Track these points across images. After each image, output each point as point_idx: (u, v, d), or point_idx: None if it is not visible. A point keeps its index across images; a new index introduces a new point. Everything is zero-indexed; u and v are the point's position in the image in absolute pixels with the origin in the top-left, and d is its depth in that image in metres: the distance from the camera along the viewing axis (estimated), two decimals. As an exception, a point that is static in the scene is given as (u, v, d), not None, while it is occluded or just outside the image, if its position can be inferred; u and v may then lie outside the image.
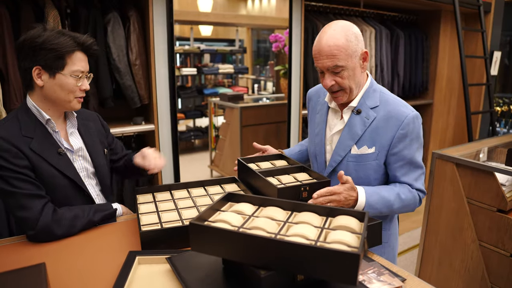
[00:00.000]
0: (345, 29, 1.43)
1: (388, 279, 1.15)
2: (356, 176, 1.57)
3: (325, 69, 1.46)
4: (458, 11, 3.59)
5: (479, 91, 4.86)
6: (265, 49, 7.28)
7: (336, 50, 1.41)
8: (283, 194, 1.42)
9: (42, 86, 1.43)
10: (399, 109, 1.50)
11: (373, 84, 1.58)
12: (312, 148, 1.73)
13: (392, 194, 1.50)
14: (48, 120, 1.48)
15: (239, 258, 0.98)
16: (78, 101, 1.52)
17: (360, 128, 1.54)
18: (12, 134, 1.40)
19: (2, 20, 2.30)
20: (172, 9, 2.75)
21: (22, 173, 1.38)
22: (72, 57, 1.43)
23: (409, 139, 1.49)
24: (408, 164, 1.53)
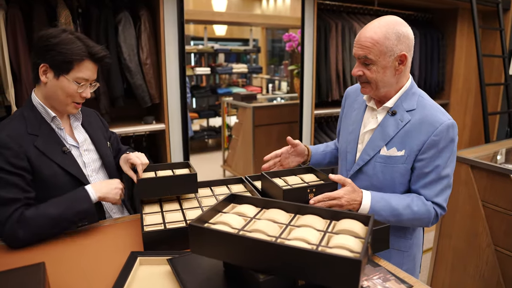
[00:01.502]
0: (390, 25, 1.39)
1: (393, 285, 1.11)
2: (382, 178, 1.52)
3: (356, 57, 1.45)
4: (475, 9, 3.51)
5: (497, 91, 4.75)
6: (279, 49, 7.25)
7: (370, 43, 1.39)
8: (289, 196, 1.39)
9: (45, 83, 1.46)
10: (435, 115, 1.44)
11: (413, 87, 1.53)
12: (344, 146, 1.68)
13: (402, 203, 1.45)
14: (54, 118, 1.50)
15: (238, 262, 0.96)
16: (75, 106, 1.53)
17: (393, 129, 1.49)
18: (18, 132, 1.41)
19: (15, 20, 2.32)
20: (183, 8, 2.74)
21: (16, 173, 1.37)
22: (80, 64, 1.44)
23: (440, 147, 1.43)
24: (433, 173, 1.45)
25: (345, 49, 3.74)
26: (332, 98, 3.76)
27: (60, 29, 1.45)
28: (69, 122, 1.61)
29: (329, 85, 3.72)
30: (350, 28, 3.74)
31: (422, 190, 1.48)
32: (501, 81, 4.57)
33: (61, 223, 1.39)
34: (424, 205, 1.46)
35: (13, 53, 2.34)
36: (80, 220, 1.42)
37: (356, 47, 1.44)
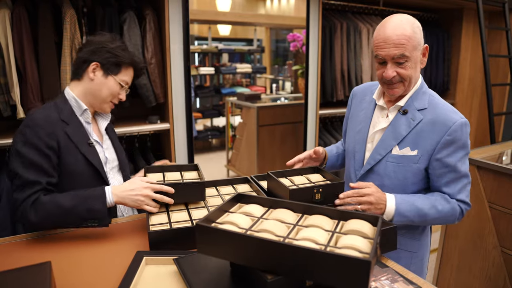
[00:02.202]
0: (411, 21, 1.40)
1: (402, 286, 1.10)
2: (394, 177, 1.51)
3: (390, 59, 1.41)
4: (481, 9, 3.49)
5: (502, 91, 4.73)
6: (283, 49, 7.24)
7: (404, 39, 1.37)
8: (295, 196, 1.38)
9: (92, 79, 1.59)
10: (448, 114, 1.44)
11: (423, 86, 1.53)
12: (351, 146, 1.66)
13: (427, 203, 1.44)
14: (85, 111, 1.61)
15: (245, 262, 0.96)
16: (110, 106, 1.67)
17: (405, 129, 1.48)
18: (52, 117, 1.52)
19: (21, 20, 2.32)
20: (188, 8, 2.74)
21: (45, 154, 1.45)
22: (126, 69, 1.64)
23: (454, 146, 1.43)
24: (452, 172, 1.45)
25: (350, 49, 3.73)
26: (337, 98, 3.75)
27: (115, 36, 1.66)
28: (96, 121, 1.73)
29: (334, 85, 3.71)
30: (355, 28, 3.73)
31: (445, 189, 1.47)
32: (507, 81, 4.55)
33: (71, 216, 1.39)
34: (448, 203, 1.45)
35: (18, 52, 2.34)
36: (90, 219, 1.41)
37: (387, 47, 1.40)
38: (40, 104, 2.43)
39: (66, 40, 2.45)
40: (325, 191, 1.44)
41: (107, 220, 1.44)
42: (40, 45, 2.41)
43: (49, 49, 2.44)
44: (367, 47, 3.80)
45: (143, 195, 1.42)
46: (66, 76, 2.47)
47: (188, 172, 1.69)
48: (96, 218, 1.41)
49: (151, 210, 1.42)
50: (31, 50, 2.38)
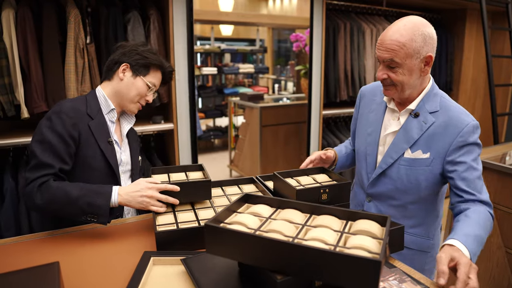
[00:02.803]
0: (416, 27, 1.36)
1: (410, 286, 1.10)
2: (407, 181, 1.50)
3: (381, 61, 1.43)
4: (485, 10, 3.49)
5: (505, 92, 4.73)
6: (285, 49, 7.24)
7: (396, 45, 1.36)
8: (302, 196, 1.38)
9: (121, 79, 1.64)
10: (460, 117, 1.43)
11: (434, 88, 1.51)
12: (363, 148, 1.65)
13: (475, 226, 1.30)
14: (112, 110, 1.66)
15: (254, 262, 0.96)
16: (138, 107, 1.71)
17: (417, 132, 1.47)
18: (79, 108, 1.58)
19: (25, 19, 2.33)
20: (192, 8, 2.74)
21: (65, 141, 1.50)
22: (155, 71, 1.69)
23: (467, 148, 1.41)
24: (468, 170, 1.41)
25: (354, 49, 3.73)
26: (341, 99, 3.75)
27: (142, 42, 1.79)
28: (119, 123, 1.76)
29: (337, 85, 3.71)
30: (358, 28, 3.73)
31: (466, 187, 1.40)
32: (510, 81, 4.55)
33: (74, 206, 1.39)
34: (483, 213, 1.36)
35: (22, 52, 2.35)
36: (90, 213, 1.40)
37: (380, 49, 1.41)
38: (44, 104, 2.43)
39: (70, 40, 2.46)
40: (332, 192, 1.44)
41: (106, 218, 1.42)
42: (44, 45, 2.42)
43: (53, 49, 2.44)
44: (370, 48, 3.80)
45: (148, 195, 1.42)
46: (70, 76, 2.47)
47: (193, 172, 1.69)
48: (95, 214, 1.40)
49: (157, 210, 1.42)
50: (35, 50, 2.38)
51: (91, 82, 2.60)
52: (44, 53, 2.42)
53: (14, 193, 2.38)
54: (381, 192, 1.58)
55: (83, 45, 2.51)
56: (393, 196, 1.56)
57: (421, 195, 1.51)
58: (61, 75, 2.47)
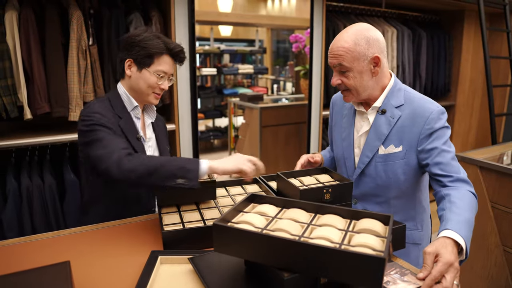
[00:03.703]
0: (358, 32, 1.45)
1: (412, 279, 1.13)
2: (385, 177, 1.55)
3: (332, 67, 1.50)
4: (482, 11, 3.52)
5: (503, 92, 4.77)
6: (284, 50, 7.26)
7: (342, 51, 1.44)
8: (305, 196, 1.41)
9: (130, 76, 1.65)
10: (424, 106, 1.49)
11: (397, 84, 1.57)
12: (340, 153, 1.71)
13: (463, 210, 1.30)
14: (136, 107, 1.68)
15: (262, 260, 0.98)
16: (155, 97, 1.69)
17: (386, 127, 1.53)
18: (107, 110, 1.60)
19: (28, 22, 2.34)
20: (193, 10, 2.76)
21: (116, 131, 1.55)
22: (159, 58, 1.62)
23: (435, 134, 1.46)
24: (441, 154, 1.44)
25: (353, 51, 3.75)
26: (340, 99, 3.77)
27: (143, 29, 1.66)
28: (143, 117, 1.77)
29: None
30: (357, 30, 3.75)
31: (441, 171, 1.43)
32: (508, 82, 4.59)
33: (162, 170, 1.36)
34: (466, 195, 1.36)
35: (25, 53, 2.36)
36: (181, 176, 1.36)
37: (329, 57, 1.49)
38: (47, 105, 2.45)
39: (73, 42, 2.47)
40: (334, 192, 1.47)
41: (197, 181, 1.38)
42: (47, 47, 2.43)
43: (56, 50, 2.45)
44: (369, 49, 3.82)
45: (238, 162, 1.42)
46: (72, 77, 2.49)
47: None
48: (186, 177, 1.37)
49: (249, 173, 1.42)
50: (38, 51, 2.40)
51: (94, 83, 2.62)
52: (46, 54, 2.43)
53: (17, 193, 2.40)
54: (364, 191, 1.63)
55: (86, 46, 2.53)
56: (376, 193, 1.60)
57: (403, 189, 1.56)
58: (63, 76, 2.49)
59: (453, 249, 1.15)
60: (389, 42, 3.93)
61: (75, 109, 2.51)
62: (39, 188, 2.43)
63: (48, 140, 2.45)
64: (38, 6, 2.44)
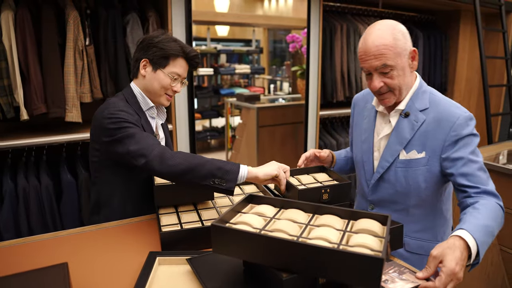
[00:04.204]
0: (392, 27, 1.37)
1: (410, 277, 1.14)
2: (406, 183, 1.47)
3: (373, 70, 1.39)
4: (478, 11, 3.54)
5: (499, 92, 4.79)
6: (281, 50, 7.26)
7: (384, 49, 1.35)
8: (303, 195, 1.41)
9: (144, 76, 1.65)
10: (450, 110, 1.40)
11: (422, 85, 1.49)
12: (359, 155, 1.63)
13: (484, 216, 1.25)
14: (152, 107, 1.70)
15: (261, 261, 0.98)
16: (167, 98, 1.70)
17: (409, 132, 1.45)
18: (129, 108, 1.61)
19: (24, 22, 2.34)
20: (190, 10, 2.76)
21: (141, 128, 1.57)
22: (175, 60, 1.64)
23: (462, 142, 1.37)
24: (467, 165, 1.35)
25: (350, 51, 3.76)
26: (337, 99, 3.79)
27: (160, 31, 1.69)
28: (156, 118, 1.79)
29: (334, 86, 3.74)
30: (355, 30, 3.77)
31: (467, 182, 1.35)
32: (503, 82, 4.60)
33: (202, 168, 1.39)
34: (492, 205, 1.30)
35: (21, 54, 2.35)
36: (219, 177, 1.38)
37: (368, 60, 1.39)
38: (43, 105, 2.44)
39: (70, 42, 2.47)
40: (333, 192, 1.47)
41: (234, 184, 1.39)
42: (44, 47, 2.43)
43: (53, 50, 2.45)
44: (366, 49, 3.83)
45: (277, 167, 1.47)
46: (69, 78, 2.48)
47: None
48: (224, 178, 1.38)
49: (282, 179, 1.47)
50: (35, 51, 2.39)
51: (90, 83, 2.61)
52: (43, 55, 2.43)
53: (14, 194, 2.39)
54: (382, 197, 1.56)
55: (82, 47, 2.53)
56: (395, 200, 1.53)
57: (423, 197, 1.48)
58: (60, 76, 2.48)
59: (461, 254, 1.11)
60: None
61: (72, 110, 2.50)
62: (36, 189, 2.42)
63: (44, 141, 2.44)
64: (34, 6, 2.43)
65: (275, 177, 1.47)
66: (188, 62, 1.69)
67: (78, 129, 2.64)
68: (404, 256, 1.50)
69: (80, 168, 2.61)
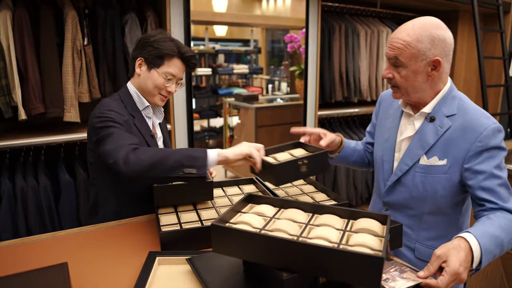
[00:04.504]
0: (425, 28, 1.31)
1: (411, 276, 1.14)
2: (423, 189, 1.42)
3: (387, 58, 1.39)
4: (476, 11, 3.55)
5: (497, 92, 4.80)
6: (279, 49, 7.26)
7: (401, 44, 1.32)
8: (281, 171, 1.37)
9: (139, 75, 1.65)
10: (479, 119, 1.33)
11: (452, 91, 1.42)
12: (380, 153, 1.59)
13: (495, 227, 1.22)
14: (147, 107, 1.69)
15: (261, 260, 0.98)
16: (161, 98, 1.69)
17: (432, 137, 1.40)
18: (122, 108, 1.61)
19: (22, 22, 2.33)
20: (189, 10, 2.76)
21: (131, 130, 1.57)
22: (170, 60, 1.62)
23: (487, 154, 1.31)
24: (490, 179, 1.30)
25: (348, 51, 3.76)
26: (336, 99, 3.79)
27: (158, 31, 1.67)
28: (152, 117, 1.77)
29: (333, 86, 3.75)
30: (353, 30, 3.77)
31: (487, 197, 1.30)
32: (501, 82, 4.62)
33: (169, 161, 1.34)
34: (508, 219, 1.26)
35: (20, 53, 2.35)
36: (189, 165, 1.34)
37: (387, 47, 1.38)
38: (41, 105, 2.43)
39: (68, 42, 2.46)
40: (310, 163, 1.43)
41: (205, 169, 1.35)
42: (42, 47, 2.42)
43: (51, 50, 2.44)
44: (365, 49, 3.84)
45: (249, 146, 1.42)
46: (67, 78, 2.48)
47: (246, 186, 1.74)
48: (194, 166, 1.34)
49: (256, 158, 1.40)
50: (33, 51, 2.39)
51: (89, 83, 2.61)
52: (41, 54, 2.42)
53: (12, 194, 2.38)
54: (396, 200, 1.52)
55: (81, 46, 2.52)
56: (409, 205, 1.48)
57: (439, 205, 1.43)
58: (58, 76, 2.47)
59: (465, 256, 1.10)
60: (384, 42, 3.95)
61: (70, 110, 2.50)
62: (34, 189, 2.41)
63: (42, 141, 2.44)
64: (32, 6, 2.42)
65: (249, 157, 1.42)
66: (184, 62, 1.67)
67: (76, 129, 2.63)
68: (413, 262, 1.48)
69: (78, 168, 2.61)
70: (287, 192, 1.59)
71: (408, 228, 1.50)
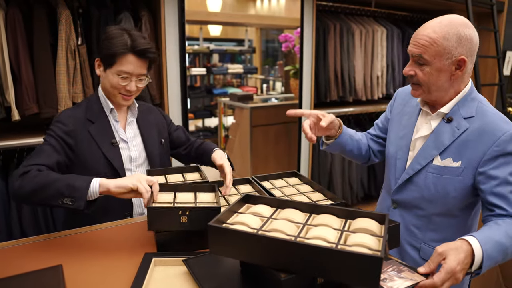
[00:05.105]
0: (451, 26, 1.28)
1: (409, 275, 1.13)
2: (434, 190, 1.40)
3: (410, 55, 1.36)
4: (471, 11, 3.56)
5: (491, 91, 4.82)
6: (273, 49, 7.26)
7: (427, 41, 1.29)
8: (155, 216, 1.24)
9: (99, 76, 1.59)
10: (498, 124, 1.31)
11: (472, 92, 1.39)
12: (393, 150, 1.56)
13: (501, 234, 1.20)
14: (112, 110, 1.62)
15: (258, 261, 0.97)
16: (123, 98, 1.60)
17: (448, 138, 1.37)
18: (78, 115, 1.57)
19: (15, 21, 2.31)
20: (183, 9, 2.75)
21: (56, 149, 1.48)
22: (122, 58, 1.51)
23: (503, 159, 1.28)
24: (503, 185, 1.28)
25: (343, 50, 3.77)
26: (331, 99, 3.79)
27: (114, 26, 1.58)
28: (126, 116, 1.71)
29: (328, 85, 3.75)
30: (348, 29, 3.77)
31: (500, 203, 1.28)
32: (495, 81, 4.64)
33: (51, 188, 1.29)
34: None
35: (13, 53, 2.33)
36: (68, 195, 1.27)
37: (411, 44, 1.34)
38: (35, 106, 2.42)
39: (61, 41, 2.44)
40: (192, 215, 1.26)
41: (83, 202, 1.27)
42: (35, 46, 2.40)
43: (44, 50, 2.43)
44: (360, 48, 3.85)
45: (136, 179, 1.28)
46: (61, 78, 2.46)
47: (190, 174, 1.71)
48: (72, 196, 1.27)
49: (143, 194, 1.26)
50: (26, 51, 2.37)
51: (83, 83, 2.59)
52: (35, 54, 2.40)
53: (5, 196, 2.36)
54: (406, 199, 1.50)
55: (75, 46, 2.50)
56: (419, 205, 1.46)
57: (449, 207, 1.41)
58: (52, 76, 2.46)
59: (465, 257, 1.10)
60: (378, 41, 3.96)
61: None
62: (28, 190, 2.39)
63: (36, 142, 2.41)
64: (25, 5, 2.40)
65: (135, 190, 1.28)
66: (140, 57, 1.53)
67: (70, 130, 2.61)
68: (418, 262, 1.47)
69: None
70: (283, 192, 1.59)
71: (416, 228, 1.49)
